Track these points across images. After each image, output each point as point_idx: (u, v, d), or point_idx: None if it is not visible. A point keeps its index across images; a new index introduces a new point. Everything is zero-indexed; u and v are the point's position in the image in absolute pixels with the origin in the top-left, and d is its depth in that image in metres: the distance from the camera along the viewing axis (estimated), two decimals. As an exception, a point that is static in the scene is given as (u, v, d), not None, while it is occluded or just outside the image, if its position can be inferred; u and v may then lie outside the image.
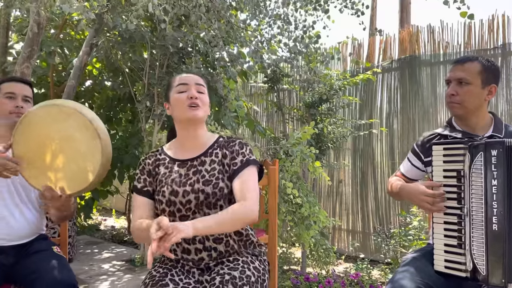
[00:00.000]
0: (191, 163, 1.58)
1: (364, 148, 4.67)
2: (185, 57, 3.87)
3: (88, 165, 1.65)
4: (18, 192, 1.87)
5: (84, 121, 1.65)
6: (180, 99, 1.54)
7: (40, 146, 1.67)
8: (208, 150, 1.59)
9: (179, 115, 1.56)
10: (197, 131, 1.59)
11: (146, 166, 1.63)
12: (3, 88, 1.92)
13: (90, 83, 4.87)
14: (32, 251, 1.84)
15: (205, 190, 1.49)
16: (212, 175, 1.53)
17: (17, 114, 1.89)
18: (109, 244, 4.79)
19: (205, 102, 1.58)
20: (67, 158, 1.66)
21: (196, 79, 1.60)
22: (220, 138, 1.65)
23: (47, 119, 1.67)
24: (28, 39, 2.50)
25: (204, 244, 1.50)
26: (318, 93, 3.96)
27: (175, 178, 1.55)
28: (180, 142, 1.63)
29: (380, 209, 4.50)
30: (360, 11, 3.00)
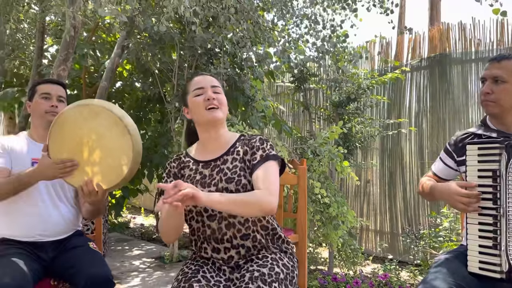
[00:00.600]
0: (215, 163, 1.60)
1: (392, 147, 4.61)
2: (213, 58, 3.92)
3: (121, 160, 1.69)
4: (55, 189, 1.95)
5: (114, 118, 1.69)
6: (198, 102, 1.56)
7: (74, 144, 1.73)
8: (230, 149, 1.61)
9: (199, 118, 1.59)
10: (218, 132, 1.61)
11: (172, 169, 1.66)
12: (39, 89, 2.01)
13: (120, 84, 4.99)
14: (70, 246, 1.91)
15: (229, 188, 1.51)
16: (234, 172, 1.54)
17: (52, 113, 1.97)
18: (139, 241, 4.89)
19: (222, 102, 1.59)
20: (100, 154, 1.71)
21: (211, 80, 1.62)
22: (242, 136, 1.67)
23: (79, 118, 1.73)
24: (65, 43, 2.59)
25: (232, 242, 1.52)
26: (346, 93, 3.94)
27: (200, 179, 1.58)
28: (202, 144, 1.66)
29: (409, 210, 4.44)
30: (389, 10, 2.96)
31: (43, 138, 1.97)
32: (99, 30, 4.81)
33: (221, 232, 1.51)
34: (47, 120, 1.95)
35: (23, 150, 1.93)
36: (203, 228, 1.55)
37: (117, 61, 3.70)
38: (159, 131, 4.76)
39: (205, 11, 2.89)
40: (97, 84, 4.42)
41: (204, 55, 3.83)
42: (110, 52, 4.66)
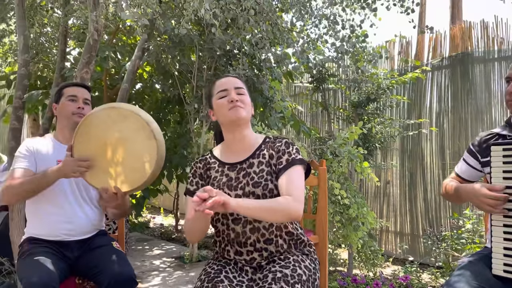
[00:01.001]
0: (241, 166, 1.60)
1: (412, 148, 4.56)
2: (232, 59, 3.94)
3: (145, 164, 1.72)
4: (80, 190, 2.00)
5: (142, 122, 1.72)
6: (222, 103, 1.58)
7: (99, 145, 1.76)
8: (255, 152, 1.61)
9: (223, 119, 1.60)
10: (243, 133, 1.62)
11: (198, 170, 1.68)
12: (66, 92, 2.06)
13: (140, 86, 5.06)
14: (94, 245, 1.96)
15: (256, 192, 1.52)
16: (261, 176, 1.55)
17: (79, 115, 2.02)
18: (159, 241, 4.95)
19: (246, 102, 1.60)
20: (125, 156, 1.75)
21: (234, 82, 1.63)
22: (267, 138, 1.67)
23: (107, 120, 1.76)
24: (88, 46, 2.64)
25: (255, 246, 1.53)
26: (365, 93, 3.91)
27: (226, 181, 1.58)
28: (227, 145, 1.67)
29: (429, 211, 4.38)
30: (410, 9, 2.93)
31: (69, 140, 2.02)
32: (119, 33, 4.89)
33: (245, 236, 1.52)
34: (73, 122, 2.00)
35: (48, 152, 1.98)
36: (227, 231, 1.56)
37: (137, 63, 3.76)
38: (178, 132, 4.80)
39: (224, 13, 2.91)
40: (118, 86, 4.49)
41: (223, 57, 3.86)
42: (130, 54, 4.73)
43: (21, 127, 3.38)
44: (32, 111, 4.90)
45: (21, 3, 3.37)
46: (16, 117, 3.31)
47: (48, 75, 5.11)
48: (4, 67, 5.75)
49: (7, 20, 4.83)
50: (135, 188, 1.78)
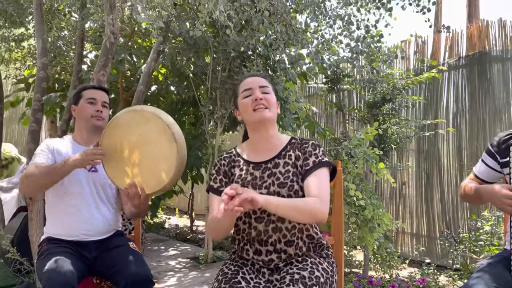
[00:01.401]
0: (266, 166, 1.60)
1: (429, 149, 4.50)
2: (246, 60, 3.95)
3: (165, 167, 1.74)
4: (98, 191, 2.02)
5: (163, 125, 1.74)
6: (246, 103, 1.59)
7: (124, 147, 1.81)
8: (281, 152, 1.61)
9: (248, 119, 1.61)
10: (268, 132, 1.61)
11: (222, 167, 1.67)
12: (85, 94, 2.10)
13: (155, 88, 5.11)
14: (111, 246, 1.98)
15: (281, 193, 1.51)
16: (286, 177, 1.54)
17: (97, 117, 2.06)
18: (174, 241, 4.99)
19: (271, 101, 1.59)
20: (147, 159, 1.78)
21: (259, 81, 1.63)
22: (293, 139, 1.66)
23: (131, 123, 1.80)
24: (104, 49, 2.68)
25: (275, 246, 1.53)
26: (380, 93, 3.88)
27: (250, 180, 1.58)
28: (253, 144, 1.67)
29: (446, 213, 4.32)
30: (426, 8, 2.90)
31: (87, 141, 2.06)
32: (135, 36, 4.94)
33: (267, 234, 1.52)
34: (92, 124, 2.04)
35: (67, 153, 2.02)
36: (248, 230, 1.56)
37: (153, 65, 3.79)
38: (193, 133, 4.83)
39: (238, 15, 2.92)
40: (134, 88, 4.54)
41: (237, 58, 3.87)
42: (146, 56, 4.78)
43: (40, 129, 3.45)
44: (50, 113, 4.98)
45: (39, 8, 3.44)
46: (35, 119, 3.38)
47: (65, 78, 5.19)
48: (23, 70, 5.86)
49: (25, 24, 4.93)
50: (157, 190, 1.80)
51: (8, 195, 4.76)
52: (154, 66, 3.88)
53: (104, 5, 2.54)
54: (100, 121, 2.05)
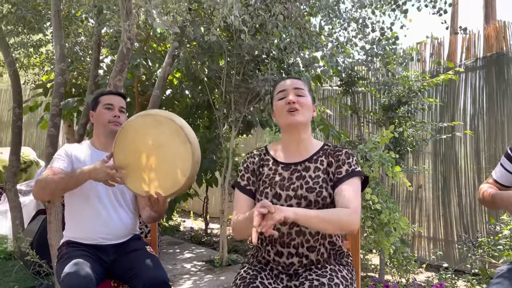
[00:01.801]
0: (295, 167, 1.59)
1: (446, 151, 4.45)
2: (260, 64, 3.96)
3: (181, 168, 1.74)
4: (115, 195, 2.05)
5: (176, 127, 1.75)
6: (280, 105, 1.58)
7: (138, 153, 1.80)
8: (313, 157, 1.60)
9: (281, 122, 1.61)
10: (300, 135, 1.60)
11: (250, 165, 1.67)
12: (103, 100, 2.12)
13: (170, 92, 5.15)
14: (129, 249, 2.00)
15: (308, 197, 1.51)
16: (316, 182, 1.53)
17: (115, 123, 2.08)
18: (189, 244, 5.01)
19: (305, 104, 1.58)
20: (163, 162, 1.78)
21: (294, 83, 1.61)
22: (326, 145, 1.65)
23: (143, 127, 1.81)
24: (121, 54, 2.71)
25: (298, 250, 1.52)
26: (396, 96, 3.85)
27: (278, 181, 1.57)
28: (284, 145, 1.66)
29: (464, 216, 4.25)
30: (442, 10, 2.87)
31: (105, 146, 2.08)
32: (150, 40, 4.99)
33: (290, 237, 1.51)
34: (110, 129, 2.06)
35: (86, 158, 2.04)
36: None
37: (168, 70, 3.83)
38: (208, 137, 4.86)
39: (253, 19, 2.93)
40: (149, 92, 4.58)
41: (251, 62, 3.88)
42: (161, 61, 4.83)
43: (58, 134, 3.51)
44: (67, 117, 5.06)
45: (57, 14, 3.50)
46: (53, 124, 3.44)
47: (82, 83, 5.27)
48: (41, 75, 5.97)
49: (43, 30, 5.03)
50: (175, 191, 1.79)
51: (27, 198, 4.85)
52: (169, 71, 3.92)
53: (121, 11, 2.58)
54: (117, 126, 2.07)
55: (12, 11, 4.53)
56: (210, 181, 5.20)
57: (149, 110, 2.02)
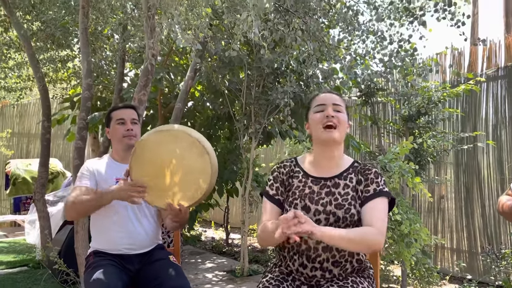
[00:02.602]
0: (325, 183, 1.61)
1: (468, 162, 4.40)
2: (280, 76, 4.03)
3: (200, 179, 1.82)
4: (139, 206, 2.11)
5: (193, 140, 1.83)
6: (317, 118, 1.58)
7: (155, 167, 1.87)
8: (343, 173, 1.61)
9: (316, 136, 1.61)
10: (333, 152, 1.62)
11: (280, 175, 1.68)
12: (114, 116, 2.20)
13: (192, 104, 5.27)
14: (153, 259, 2.08)
15: (337, 214, 1.53)
16: (345, 199, 1.55)
17: (129, 137, 2.16)
18: (211, 254, 5.07)
19: (342, 121, 1.58)
20: (181, 175, 1.85)
21: (334, 99, 1.62)
22: (356, 163, 1.66)
23: (159, 143, 1.88)
24: (145, 70, 2.82)
25: (322, 264, 1.53)
26: (415, 106, 3.85)
27: (308, 193, 1.59)
28: (315, 159, 1.66)
29: (488, 227, 4.19)
30: (460, 22, 2.87)
31: (124, 159, 2.16)
32: (172, 54, 5.13)
33: (316, 252, 1.53)
34: (126, 143, 2.14)
35: (107, 171, 2.13)
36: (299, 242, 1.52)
37: (190, 83, 3.93)
38: (228, 147, 4.94)
39: (272, 34, 3.01)
40: (171, 105, 4.70)
41: (271, 74, 3.95)
42: (182, 74, 4.95)
43: (85, 146, 3.64)
44: (92, 130, 5.22)
45: (84, 32, 3.65)
46: (80, 137, 3.57)
47: (107, 96, 5.44)
48: (68, 89, 6.19)
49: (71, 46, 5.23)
50: (195, 202, 1.88)
51: (54, 208, 5.00)
52: (191, 84, 4.02)
53: (145, 29, 2.69)
54: (132, 139, 2.15)
55: (42, 28, 4.74)
56: (230, 191, 5.27)
57: (163, 125, 2.10)
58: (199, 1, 2.74)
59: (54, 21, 4.55)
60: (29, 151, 8.68)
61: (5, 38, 5.12)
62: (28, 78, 5.92)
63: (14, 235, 6.15)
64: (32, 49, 4.42)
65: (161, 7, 3.00)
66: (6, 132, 7.81)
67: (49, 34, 4.74)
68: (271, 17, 3.10)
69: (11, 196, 6.74)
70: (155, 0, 2.66)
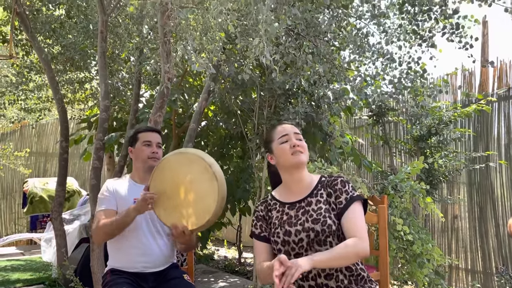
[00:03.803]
0: (299, 205, 1.73)
1: (481, 181, 4.38)
2: (291, 97, 4.10)
3: (208, 204, 1.91)
4: (154, 224, 2.19)
5: (205, 165, 1.94)
6: (284, 148, 1.73)
7: (170, 187, 1.99)
8: (313, 191, 1.74)
9: (285, 163, 1.75)
10: (301, 174, 1.76)
11: (260, 213, 1.82)
12: (141, 137, 2.29)
13: (205, 123, 5.36)
14: (168, 278, 2.13)
15: (315, 228, 1.62)
16: (319, 213, 1.66)
17: (154, 159, 2.24)
18: (223, 273, 5.09)
19: (304, 147, 1.76)
20: (191, 197, 1.95)
21: (293, 128, 1.80)
22: (323, 178, 1.79)
23: (176, 164, 2.00)
24: (161, 93, 2.92)
25: (316, 281, 1.62)
26: (426, 126, 3.88)
27: (286, 219, 1.71)
28: (286, 186, 1.81)
29: (503, 248, 4.14)
30: (468, 44, 2.92)
31: (144, 180, 2.24)
32: (186, 75, 5.26)
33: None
34: (149, 165, 2.23)
35: (126, 192, 2.20)
36: None
37: (204, 104, 4.03)
38: (241, 166, 5.00)
39: (283, 58, 3.09)
40: (185, 124, 4.80)
41: (282, 95, 4.03)
42: (197, 95, 5.07)
43: (102, 166, 3.74)
44: (108, 149, 5.35)
45: (103, 56, 3.79)
46: (97, 157, 3.67)
47: (123, 116, 5.58)
48: (85, 110, 6.36)
49: (89, 69, 5.40)
50: (200, 226, 1.96)
51: (70, 227, 5.10)
52: (205, 105, 4.12)
53: (161, 54, 2.80)
54: (156, 161, 2.23)
55: (61, 52, 4.92)
56: (243, 210, 5.30)
57: (182, 149, 2.22)
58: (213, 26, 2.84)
59: (73, 45, 4.72)
60: (46, 169, 8.86)
61: (26, 61, 5.30)
62: (47, 99, 6.10)
63: (30, 253, 6.25)
64: (52, 72, 4.58)
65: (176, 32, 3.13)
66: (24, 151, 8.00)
67: (68, 58, 4.92)
68: (282, 40, 3.19)
69: (28, 215, 6.87)
70: (171, 26, 2.77)
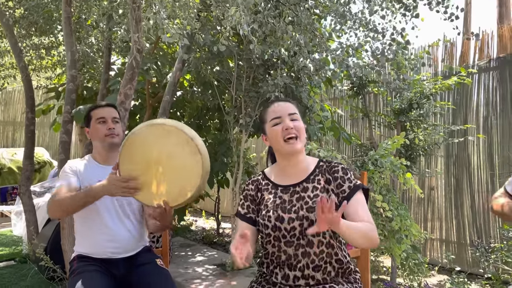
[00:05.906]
0: (294, 189, 1.61)
1: (458, 154, 4.39)
2: (271, 68, 3.95)
3: (190, 179, 1.71)
4: (122, 208, 2.04)
5: (186, 138, 1.70)
6: (276, 132, 1.58)
7: (145, 163, 1.75)
8: (310, 176, 1.62)
9: (278, 148, 1.61)
10: (297, 159, 1.63)
11: (249, 192, 1.69)
12: (94, 115, 2.10)
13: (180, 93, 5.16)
14: (139, 263, 2.02)
15: (310, 217, 1.51)
16: (315, 202, 1.54)
17: (111, 135, 2.06)
18: (201, 246, 5.05)
19: (300, 129, 1.59)
20: (171, 173, 1.73)
21: (288, 108, 1.62)
22: (321, 162, 1.66)
23: (150, 137, 1.75)
24: (130, 64, 2.72)
25: (303, 272, 1.53)
26: (407, 99, 3.80)
27: (279, 204, 1.58)
28: (281, 168, 1.67)
29: (477, 220, 4.21)
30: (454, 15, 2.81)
31: (106, 160, 2.08)
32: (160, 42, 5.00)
33: (297, 259, 1.53)
34: (108, 143, 2.06)
35: (89, 173, 2.04)
36: (278, 253, 1.56)
37: (178, 75, 3.84)
38: (219, 138, 4.87)
39: (262, 28, 2.92)
40: (160, 94, 4.60)
41: (261, 66, 3.87)
42: (171, 63, 4.83)
43: (70, 140, 3.55)
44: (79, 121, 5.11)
45: (68, 21, 3.52)
46: (65, 130, 3.48)
47: (94, 85, 5.31)
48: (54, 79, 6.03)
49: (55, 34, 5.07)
50: (182, 203, 1.77)
51: (41, 200, 4.92)
52: (179, 76, 3.93)
53: (130, 22, 2.59)
54: (114, 137, 2.06)
55: (24, 15, 4.58)
56: (221, 182, 5.22)
57: (155, 119, 1.96)
58: (186, -9, 2.63)
59: (37, 8, 4.39)
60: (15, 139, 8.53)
61: (-14, 25, 4.94)
62: (11, 66, 5.75)
63: (0, 226, 6.07)
64: (14, 37, 4.27)
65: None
66: (-10, 120, 7.65)
67: (32, 22, 4.59)
68: (261, 8, 3.00)
69: (-3, 186, 6.64)
70: (140, -8, 2.55)
